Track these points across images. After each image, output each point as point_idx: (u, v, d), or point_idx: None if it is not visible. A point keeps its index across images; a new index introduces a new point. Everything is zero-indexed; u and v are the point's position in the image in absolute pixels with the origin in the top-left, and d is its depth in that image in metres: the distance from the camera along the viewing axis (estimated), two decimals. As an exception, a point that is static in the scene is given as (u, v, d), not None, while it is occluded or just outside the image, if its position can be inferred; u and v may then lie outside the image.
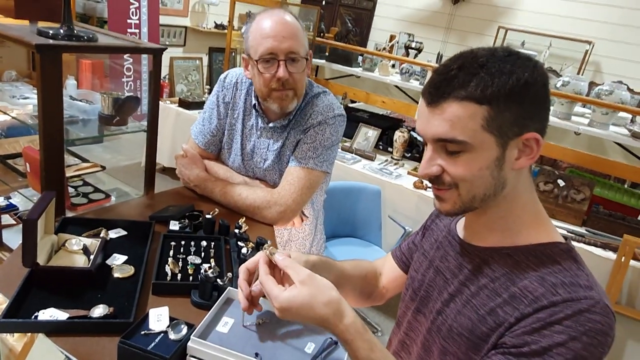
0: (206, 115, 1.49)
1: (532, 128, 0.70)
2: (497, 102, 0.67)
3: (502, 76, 0.67)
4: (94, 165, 1.56)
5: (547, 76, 0.71)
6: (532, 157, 0.71)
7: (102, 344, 0.83)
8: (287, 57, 1.25)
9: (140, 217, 1.27)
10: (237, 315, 0.90)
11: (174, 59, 5.04)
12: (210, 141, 1.48)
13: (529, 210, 0.76)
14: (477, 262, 0.78)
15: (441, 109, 0.70)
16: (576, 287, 0.68)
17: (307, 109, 1.39)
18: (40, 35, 1.15)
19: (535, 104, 0.69)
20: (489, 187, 0.72)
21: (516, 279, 0.72)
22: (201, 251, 1.14)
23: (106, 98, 1.32)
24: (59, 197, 1.15)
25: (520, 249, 0.75)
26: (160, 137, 1.41)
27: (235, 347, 0.82)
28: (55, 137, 1.13)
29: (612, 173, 2.98)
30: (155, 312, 0.87)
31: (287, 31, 1.24)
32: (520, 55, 0.70)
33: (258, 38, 1.25)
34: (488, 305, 0.73)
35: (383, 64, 3.99)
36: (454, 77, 0.69)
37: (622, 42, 4.39)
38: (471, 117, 0.68)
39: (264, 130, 1.41)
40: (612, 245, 2.38)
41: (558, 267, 0.71)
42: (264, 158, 1.42)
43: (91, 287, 0.95)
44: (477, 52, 0.70)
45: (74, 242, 1.02)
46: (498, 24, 4.96)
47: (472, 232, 0.83)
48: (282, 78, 1.25)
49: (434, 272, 0.86)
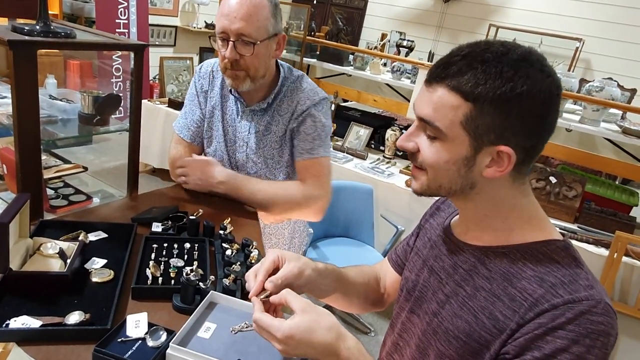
0: (187, 109, 1.48)
1: (512, 143, 0.66)
2: (481, 103, 0.64)
3: (497, 79, 0.63)
4: (76, 166, 1.51)
5: (555, 96, 0.66)
6: (500, 171, 0.68)
7: (77, 353, 0.79)
8: (238, 39, 1.22)
9: (122, 219, 1.23)
10: (219, 320, 0.87)
11: (164, 59, 4.98)
12: (195, 133, 1.47)
13: (521, 213, 0.73)
14: (472, 262, 0.76)
15: (433, 90, 0.68)
16: (576, 286, 0.65)
17: (291, 94, 1.37)
18: (15, 32, 1.11)
19: (525, 119, 0.65)
20: (455, 182, 0.71)
21: (513, 279, 0.70)
22: (184, 253, 1.11)
23: (86, 97, 1.28)
24: (36, 199, 1.11)
25: (515, 247, 0.72)
26: (150, 138, 1.39)
27: (217, 353, 0.79)
28: (31, 137, 1.09)
29: (603, 169, 2.98)
30: (133, 318, 0.84)
31: (242, 11, 1.20)
32: (535, 63, 0.65)
33: (218, 14, 1.24)
34: (487, 308, 0.71)
35: (374, 62, 3.96)
36: (454, 63, 0.66)
37: (612, 40, 4.40)
38: (454, 108, 0.66)
39: (244, 114, 1.40)
40: (604, 241, 2.38)
41: (556, 265, 0.68)
42: (246, 141, 1.41)
43: (67, 293, 0.91)
44: (491, 46, 0.66)
45: (49, 246, 0.98)
46: (489, 22, 4.96)
47: (465, 229, 0.80)
48: (228, 58, 1.24)
49: (428, 271, 0.84)
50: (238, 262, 1.08)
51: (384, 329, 2.72)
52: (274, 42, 1.29)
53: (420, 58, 4.61)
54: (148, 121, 3.80)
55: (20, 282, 0.89)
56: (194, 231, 1.20)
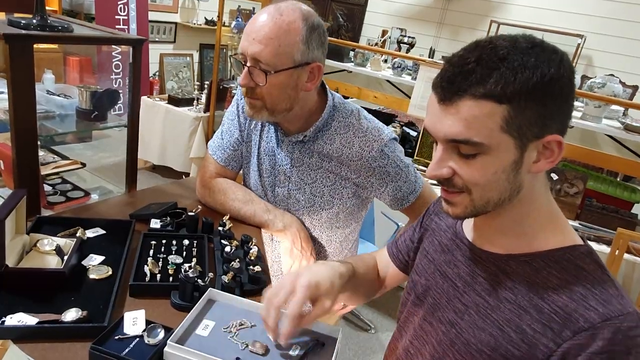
0: (225, 128, 1.32)
1: (554, 129, 0.63)
2: (518, 100, 0.60)
3: (525, 71, 0.60)
4: (74, 162, 1.50)
5: (574, 70, 0.64)
6: (552, 161, 0.65)
7: (73, 350, 0.78)
8: (254, 64, 1.06)
9: (121, 216, 1.22)
10: (218, 317, 0.86)
11: (164, 55, 4.96)
12: (230, 156, 1.32)
13: (545, 212, 0.70)
14: (493, 270, 0.72)
15: (455, 107, 0.62)
16: (607, 296, 0.63)
17: (346, 132, 1.19)
18: (11, 26, 1.10)
19: (559, 101, 0.62)
20: (504, 191, 0.66)
21: (539, 289, 0.67)
22: (183, 250, 1.10)
23: (84, 92, 1.26)
24: (33, 196, 1.10)
25: (538, 255, 0.68)
26: (150, 134, 1.36)
27: (216, 351, 0.77)
28: (27, 133, 1.08)
29: (605, 166, 2.96)
30: (130, 315, 0.83)
31: (262, 32, 1.03)
32: (545, 47, 0.63)
33: (243, 33, 1.10)
34: (513, 321, 0.67)
35: (375, 58, 3.94)
36: (471, 71, 0.61)
37: (613, 36, 4.38)
38: (489, 116, 0.61)
39: (283, 144, 1.24)
40: (606, 238, 2.37)
41: (583, 273, 0.65)
42: (288, 176, 1.25)
43: (64, 290, 0.90)
44: (497, 42, 0.63)
45: (45, 243, 0.97)
46: (490, 19, 4.93)
47: (482, 236, 0.76)
48: (239, 84, 1.10)
49: (440, 277, 0.80)
50: (237, 258, 1.06)
51: (384, 326, 2.71)
52: (304, 72, 1.09)
53: (421, 54, 4.59)
54: (148, 118, 3.78)
55: (16, 279, 0.88)
56: (193, 227, 1.19)
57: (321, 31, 1.09)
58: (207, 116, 3.67)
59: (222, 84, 3.82)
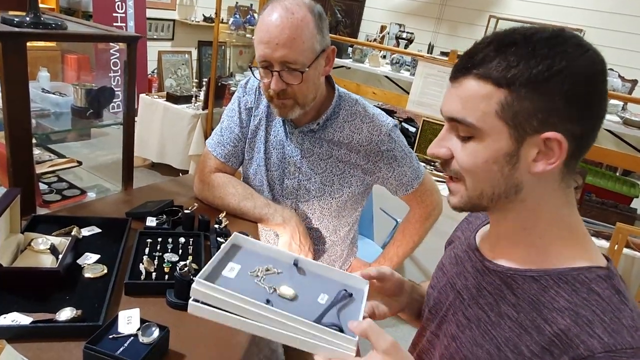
0: (225, 124, 1.34)
1: (560, 128, 0.58)
2: (517, 87, 0.57)
3: (532, 59, 0.57)
4: (70, 160, 1.49)
5: (599, 72, 0.58)
6: (551, 163, 0.59)
7: (68, 350, 0.78)
8: (282, 68, 1.09)
9: (117, 214, 1.22)
10: (244, 262, 0.81)
11: (162, 53, 4.94)
12: (230, 152, 1.33)
13: (561, 226, 0.64)
14: (498, 284, 0.67)
15: (459, 85, 0.62)
16: (618, 326, 0.56)
17: (353, 120, 1.25)
18: (4, 24, 1.09)
19: (570, 101, 0.57)
20: (498, 185, 0.62)
21: (543, 310, 0.61)
22: (179, 248, 1.09)
23: (79, 90, 1.26)
24: (28, 194, 1.10)
25: (549, 272, 0.62)
26: (148, 132, 1.35)
27: (245, 292, 0.71)
28: (21, 131, 1.07)
29: (604, 161, 2.95)
30: (124, 314, 0.83)
31: (284, 36, 1.06)
32: (569, 39, 0.58)
33: (256, 40, 1.11)
34: (512, 340, 0.62)
35: (373, 54, 3.93)
36: (479, 51, 0.60)
37: (613, 30, 4.36)
38: (486, 98, 0.59)
39: (292, 136, 1.26)
40: (605, 233, 2.36)
41: (595, 297, 0.58)
42: (298, 167, 1.27)
43: (58, 289, 0.89)
44: (517, 29, 0.60)
45: (40, 242, 0.97)
46: (489, 14, 4.91)
47: (491, 246, 0.72)
48: (274, 90, 1.12)
49: (450, 289, 0.76)
50: (233, 256, 1.06)
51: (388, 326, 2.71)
52: (323, 58, 1.15)
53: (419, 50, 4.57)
54: (147, 115, 3.77)
55: (10, 278, 0.87)
56: (189, 225, 1.19)
57: (324, 16, 1.15)
58: (206, 113, 3.66)
59: (220, 81, 3.81)
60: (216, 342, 0.87)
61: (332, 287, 0.78)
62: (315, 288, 0.77)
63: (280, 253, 0.84)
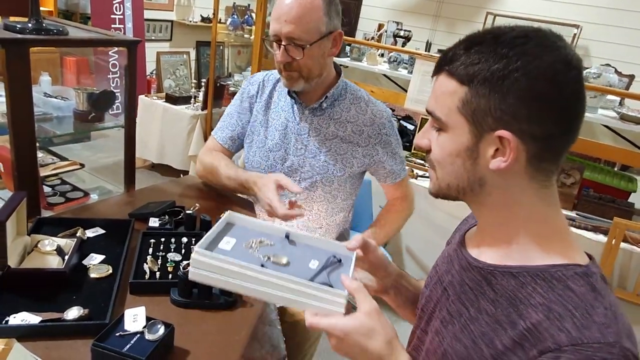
0: (228, 111, 1.46)
1: (516, 128, 0.59)
2: (476, 84, 0.60)
3: (491, 58, 0.59)
4: (73, 163, 1.52)
5: (562, 73, 0.58)
6: (504, 161, 0.61)
7: (76, 348, 0.81)
8: (288, 42, 1.21)
9: (120, 215, 1.24)
10: (238, 236, 0.85)
11: (160, 53, 4.95)
12: (228, 136, 1.44)
13: (539, 224, 0.65)
14: (479, 280, 0.68)
15: (436, 80, 0.67)
16: (588, 322, 0.56)
17: (358, 103, 1.36)
18: (7, 30, 1.11)
19: (527, 101, 0.58)
20: (462, 178, 0.66)
21: (519, 305, 0.62)
22: (182, 248, 1.12)
23: (80, 94, 1.28)
24: (33, 197, 1.12)
25: (527, 268, 0.63)
26: (148, 133, 1.37)
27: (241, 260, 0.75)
28: (26, 135, 1.10)
29: (601, 156, 2.97)
30: (130, 312, 0.85)
31: (292, 14, 1.18)
32: (534, 39, 0.59)
33: (271, 17, 1.24)
34: (487, 335, 0.63)
35: (371, 53, 3.94)
36: (452, 49, 0.65)
37: (609, 25, 4.37)
38: (451, 95, 0.63)
39: (303, 116, 1.36)
40: (603, 228, 2.38)
41: (569, 294, 0.59)
42: (305, 144, 1.36)
43: (65, 289, 0.92)
44: (494, 29, 0.63)
45: (46, 243, 0.99)
46: (486, 10, 4.92)
47: (478, 243, 0.73)
48: (279, 62, 1.25)
49: (439, 287, 0.78)
50: (235, 255, 1.08)
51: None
52: (329, 40, 1.26)
53: (417, 48, 4.58)
54: (146, 117, 3.79)
55: (18, 279, 0.90)
56: (191, 225, 1.21)
57: (336, 1, 1.26)
58: (205, 114, 3.68)
59: (219, 81, 3.82)
60: (219, 338, 0.89)
61: (322, 255, 0.83)
62: (306, 256, 0.82)
63: (272, 227, 0.89)
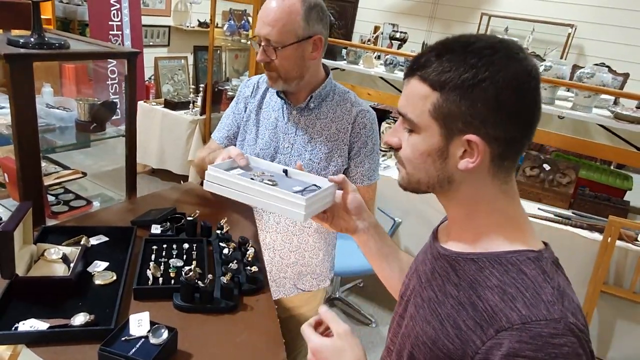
0: (225, 113, 1.52)
1: (482, 132, 0.65)
2: (447, 91, 0.65)
3: (461, 67, 0.64)
4: (75, 172, 1.55)
5: (524, 82, 0.65)
6: (472, 162, 0.67)
7: (83, 352, 0.84)
8: (266, 43, 1.27)
9: (122, 222, 1.27)
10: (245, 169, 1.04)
11: (158, 59, 4.98)
12: (224, 135, 1.50)
13: (499, 215, 0.72)
14: (446, 267, 0.74)
15: (407, 83, 0.71)
16: (536, 301, 0.62)
17: (344, 103, 1.40)
18: (10, 45, 1.14)
19: (492, 108, 0.64)
20: (432, 176, 0.71)
21: (478, 288, 0.68)
22: (183, 254, 1.14)
23: (82, 104, 1.31)
24: (37, 206, 1.15)
25: (486, 254, 0.70)
26: (148, 139, 1.40)
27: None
28: (30, 147, 1.13)
29: (597, 155, 3.00)
30: (135, 317, 0.88)
31: (270, 17, 1.24)
32: (500, 51, 0.65)
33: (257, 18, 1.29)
34: (452, 316, 0.69)
35: (367, 56, 3.98)
36: (424, 55, 0.69)
37: (604, 24, 4.41)
38: (423, 98, 0.68)
39: (290, 116, 1.40)
40: (598, 226, 2.41)
41: (522, 277, 0.66)
42: (292, 142, 1.40)
43: (71, 296, 0.95)
44: (461, 37, 0.68)
45: (52, 252, 1.02)
46: (481, 11, 4.96)
47: (449, 232, 0.79)
48: (257, 60, 1.31)
49: (415, 275, 0.84)
50: (235, 260, 1.11)
51: (385, 320, 2.77)
52: (308, 44, 1.29)
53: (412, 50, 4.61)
54: (145, 122, 3.82)
55: (26, 287, 0.93)
56: (192, 232, 1.24)
57: (319, 8, 1.29)
58: (204, 119, 3.71)
59: (217, 86, 3.85)
60: (221, 340, 0.92)
61: (307, 184, 0.99)
62: (294, 184, 0.98)
63: (273, 165, 1.08)
